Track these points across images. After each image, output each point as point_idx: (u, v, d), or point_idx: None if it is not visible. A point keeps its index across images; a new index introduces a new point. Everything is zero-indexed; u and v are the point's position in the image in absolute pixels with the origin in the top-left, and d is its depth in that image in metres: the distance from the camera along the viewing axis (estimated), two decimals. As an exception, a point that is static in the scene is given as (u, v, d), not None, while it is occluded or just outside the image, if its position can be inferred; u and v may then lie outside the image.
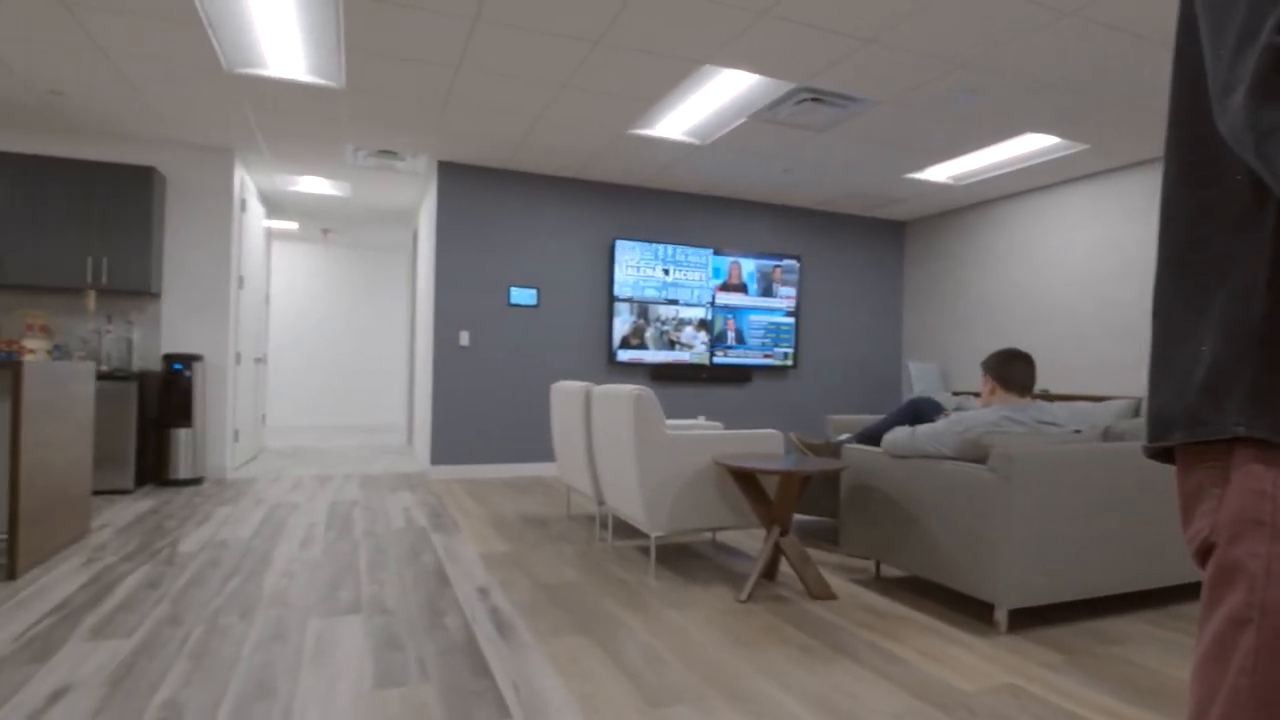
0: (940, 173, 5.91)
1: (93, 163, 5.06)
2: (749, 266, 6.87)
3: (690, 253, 6.64)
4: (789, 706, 2.00)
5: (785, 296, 7.04)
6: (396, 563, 3.39)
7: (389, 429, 10.25)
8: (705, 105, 4.56)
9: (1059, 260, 6.11)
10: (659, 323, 6.51)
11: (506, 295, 6.15)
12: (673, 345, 6.55)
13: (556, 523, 4.35)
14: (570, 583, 3.14)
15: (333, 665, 2.22)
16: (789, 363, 7.08)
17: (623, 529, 4.23)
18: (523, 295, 6.19)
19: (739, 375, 6.94)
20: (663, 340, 6.52)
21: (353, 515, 4.41)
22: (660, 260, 6.53)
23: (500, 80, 4.22)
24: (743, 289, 6.85)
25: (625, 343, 6.39)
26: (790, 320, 7.08)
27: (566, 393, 4.12)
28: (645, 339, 6.45)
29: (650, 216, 6.65)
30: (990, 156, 5.45)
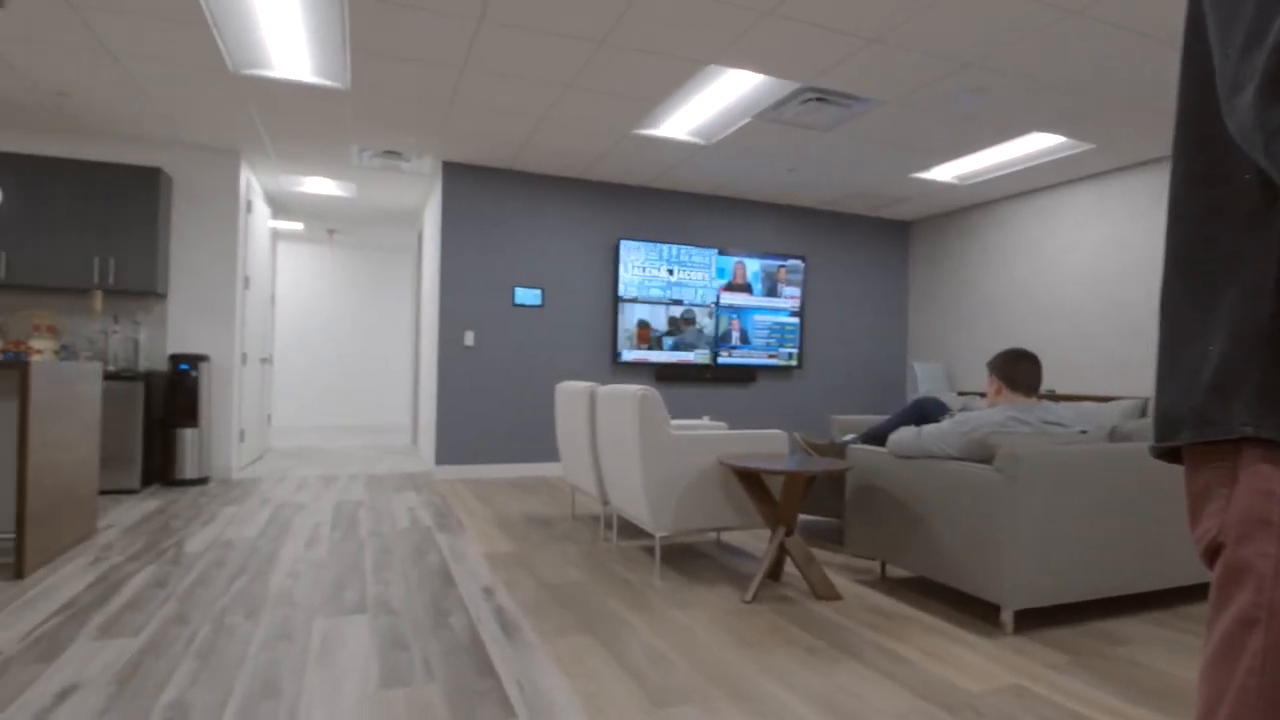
0: (945, 172, 5.90)
1: (99, 164, 5.08)
2: (753, 266, 6.87)
3: (695, 253, 6.63)
4: (794, 707, 2.00)
5: (790, 296, 7.03)
6: (402, 563, 3.40)
7: (394, 429, 10.27)
8: (710, 105, 4.56)
9: (1064, 260, 6.09)
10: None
11: (511, 295, 6.16)
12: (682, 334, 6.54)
13: (561, 523, 4.35)
14: (575, 583, 3.14)
15: (338, 665, 2.22)
16: (794, 363, 7.08)
17: (627, 529, 4.23)
18: (527, 295, 6.19)
19: (744, 375, 6.93)
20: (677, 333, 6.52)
21: (358, 515, 4.42)
22: (665, 260, 6.53)
23: (505, 80, 4.23)
24: (747, 289, 6.85)
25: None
26: (795, 320, 7.07)
27: (571, 393, 4.12)
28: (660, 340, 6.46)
29: (655, 216, 6.65)
30: (996, 156, 5.43)
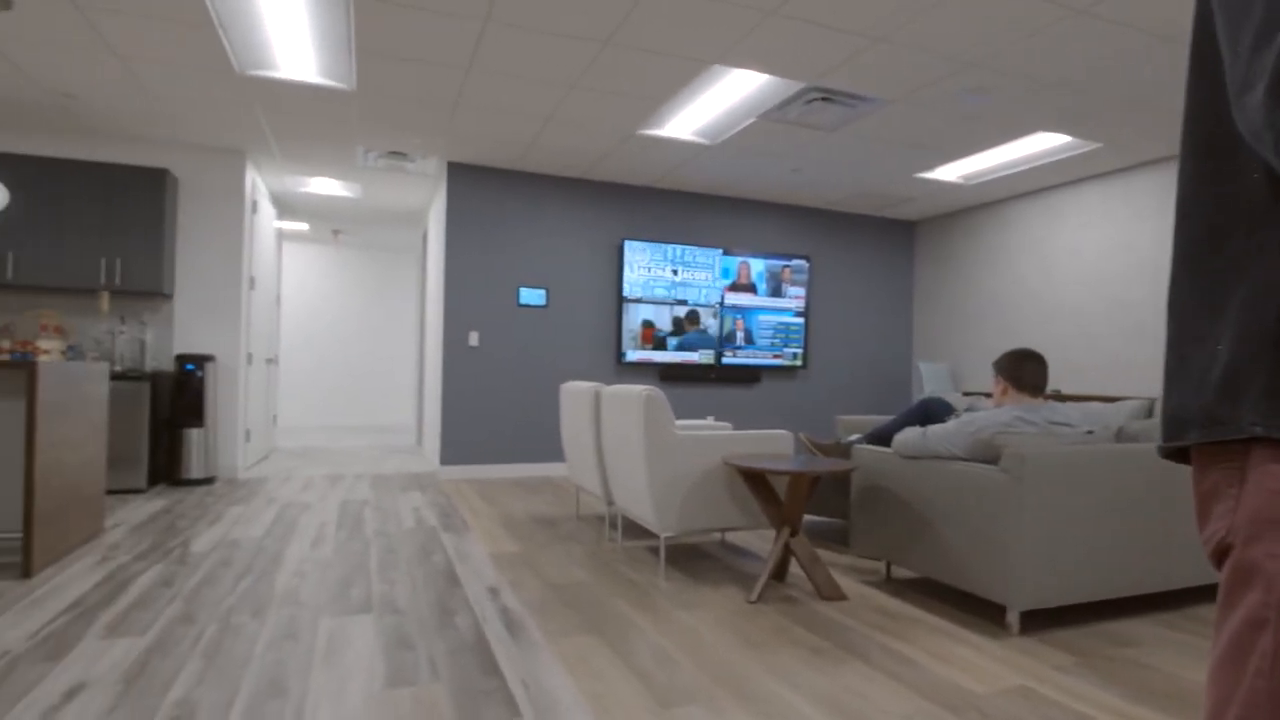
0: (950, 172, 5.88)
1: (106, 165, 5.10)
2: (758, 266, 6.86)
3: (699, 253, 6.63)
4: (799, 707, 2.00)
5: (794, 297, 7.02)
6: (407, 562, 3.40)
7: (399, 429, 10.29)
8: (714, 105, 4.55)
9: (1070, 260, 6.07)
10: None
11: (516, 296, 6.17)
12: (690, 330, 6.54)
13: (566, 523, 4.35)
14: (580, 583, 3.15)
15: (344, 664, 2.23)
16: (798, 363, 7.07)
17: (632, 529, 4.23)
18: (532, 296, 6.20)
19: (748, 375, 6.93)
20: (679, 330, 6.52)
21: (363, 515, 4.43)
22: (669, 260, 6.52)
23: (510, 81, 4.23)
24: (752, 289, 6.84)
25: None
26: (799, 320, 7.06)
27: (576, 393, 4.12)
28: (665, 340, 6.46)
29: (659, 217, 6.65)
30: (1001, 156, 5.42)
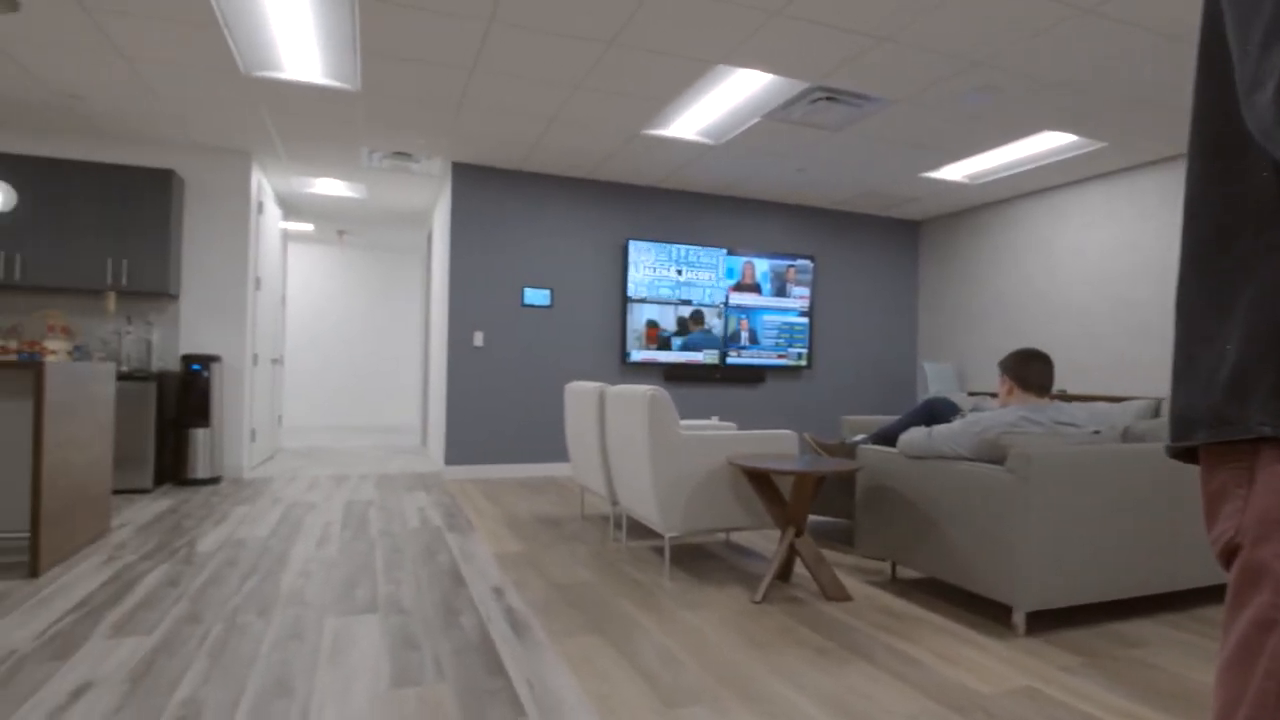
0: (955, 171, 5.87)
1: (112, 166, 5.12)
2: (762, 266, 6.86)
3: (703, 253, 6.63)
4: (804, 708, 2.00)
5: (799, 296, 7.02)
6: (412, 562, 3.41)
7: (404, 429, 10.31)
8: (719, 105, 4.55)
9: (1075, 259, 6.05)
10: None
11: (520, 296, 6.17)
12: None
13: (570, 523, 4.35)
14: (584, 583, 3.15)
15: (349, 664, 2.23)
16: (803, 363, 7.06)
17: (636, 529, 4.23)
18: (536, 296, 6.21)
19: (752, 375, 6.92)
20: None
21: (368, 515, 4.44)
22: (673, 261, 6.52)
23: (514, 81, 4.24)
24: (756, 289, 6.84)
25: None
26: (804, 320, 7.05)
27: (580, 393, 4.13)
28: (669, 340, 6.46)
29: (663, 217, 6.65)
30: (1006, 155, 5.41)
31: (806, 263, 7.03)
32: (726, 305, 6.72)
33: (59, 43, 3.81)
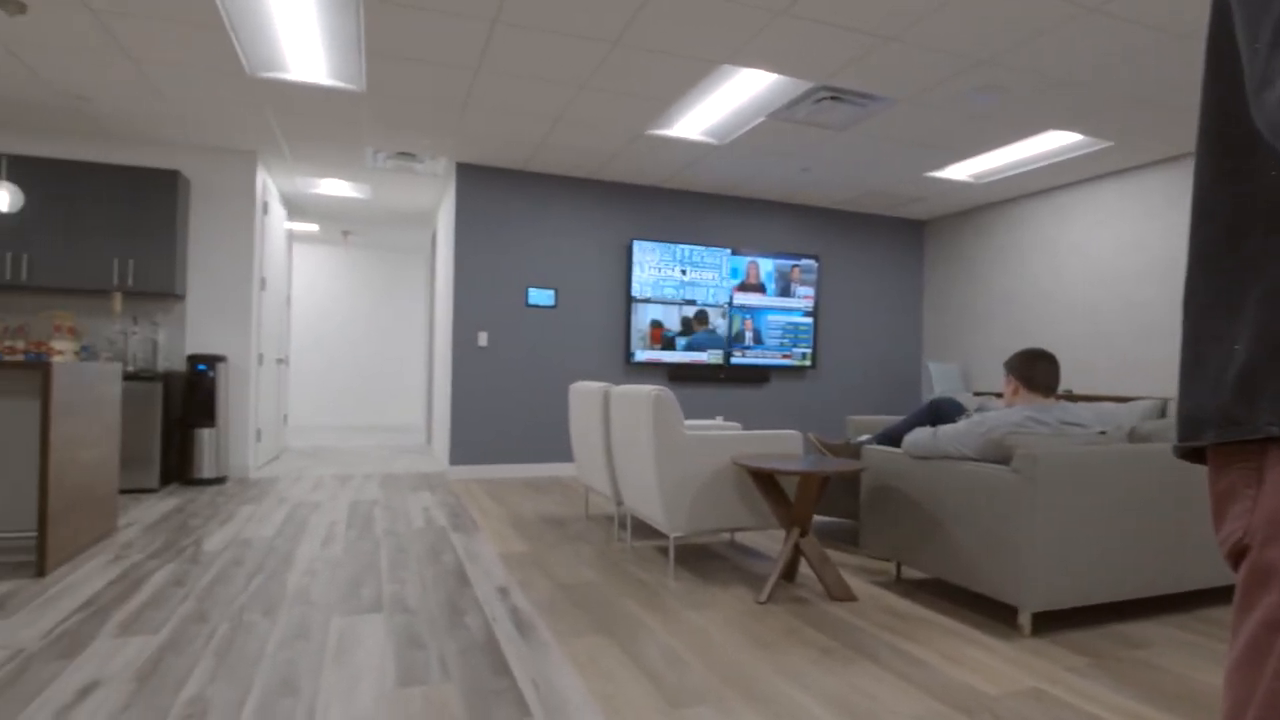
0: (961, 171, 5.86)
1: (118, 166, 5.14)
2: (767, 266, 6.85)
3: (708, 253, 6.62)
4: (809, 708, 1.99)
5: (803, 296, 7.01)
6: (417, 562, 3.41)
7: (409, 429, 10.33)
8: (723, 105, 4.55)
9: (1081, 259, 6.03)
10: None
11: (525, 296, 6.18)
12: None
13: (575, 523, 4.36)
14: (589, 583, 3.15)
15: (355, 663, 2.24)
16: (807, 363, 7.05)
17: (641, 529, 4.23)
18: (541, 296, 6.21)
19: (757, 376, 6.91)
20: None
21: (373, 514, 4.45)
22: (678, 261, 6.52)
23: (519, 82, 4.24)
24: (760, 289, 6.83)
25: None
26: (809, 320, 7.05)
27: (585, 393, 4.13)
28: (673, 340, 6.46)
29: (668, 217, 6.65)
30: (1012, 154, 5.39)
31: (811, 262, 7.02)
32: (731, 305, 6.72)
33: (65, 44, 3.83)
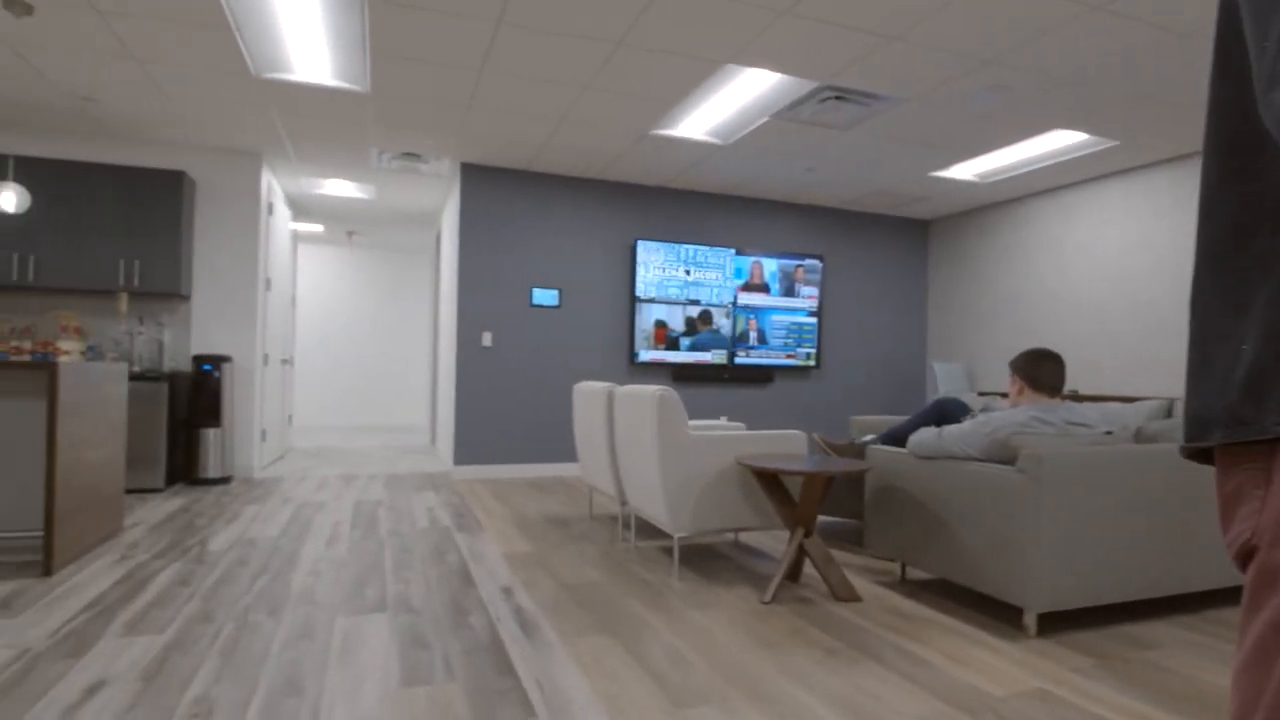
0: (966, 170, 5.84)
1: (124, 167, 5.16)
2: (771, 266, 6.84)
3: (712, 253, 6.62)
4: (813, 708, 1.99)
5: (808, 296, 7.00)
6: (421, 562, 3.42)
7: (413, 429, 10.34)
8: (727, 105, 4.54)
9: (1087, 258, 6.01)
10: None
11: (529, 296, 6.18)
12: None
13: (579, 523, 4.36)
14: (593, 583, 3.15)
15: (360, 663, 2.24)
16: (812, 363, 7.04)
17: (645, 529, 4.23)
18: (545, 296, 6.21)
19: (761, 376, 6.91)
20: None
21: (378, 515, 4.46)
22: (682, 261, 6.52)
23: (523, 82, 4.24)
24: (765, 289, 6.82)
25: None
26: (813, 320, 7.04)
27: (589, 393, 4.13)
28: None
29: (672, 217, 6.65)
30: (1017, 154, 5.38)
31: (815, 262, 7.01)
32: (735, 305, 6.71)
33: (71, 45, 3.84)
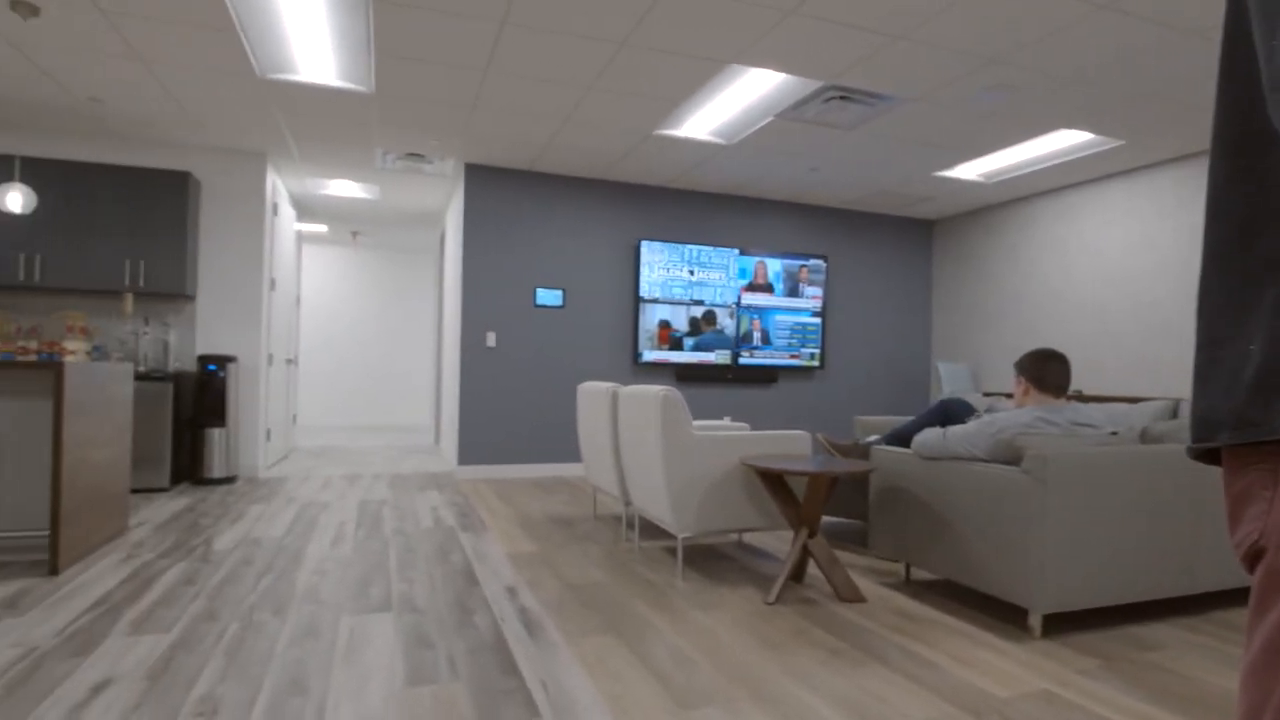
0: (970, 170, 5.83)
1: (130, 168, 5.18)
2: (775, 266, 6.84)
3: (715, 253, 6.62)
4: (818, 709, 1.99)
5: (811, 296, 6.99)
6: (426, 561, 3.42)
7: (417, 429, 10.36)
8: (731, 105, 4.54)
9: (1092, 258, 6.00)
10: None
11: (533, 296, 6.19)
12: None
13: (583, 523, 4.36)
14: (597, 583, 3.15)
15: (364, 662, 2.25)
16: (815, 363, 7.03)
17: (649, 530, 4.23)
18: (549, 296, 6.22)
19: (765, 376, 6.90)
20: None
21: (382, 514, 4.46)
22: (686, 261, 6.52)
23: (527, 82, 4.25)
24: (769, 289, 6.82)
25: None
26: (817, 320, 7.03)
27: (593, 393, 4.13)
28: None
29: (676, 217, 6.65)
30: (1022, 153, 5.36)
31: (819, 262, 7.01)
32: (739, 305, 6.71)
33: (77, 46, 3.86)
